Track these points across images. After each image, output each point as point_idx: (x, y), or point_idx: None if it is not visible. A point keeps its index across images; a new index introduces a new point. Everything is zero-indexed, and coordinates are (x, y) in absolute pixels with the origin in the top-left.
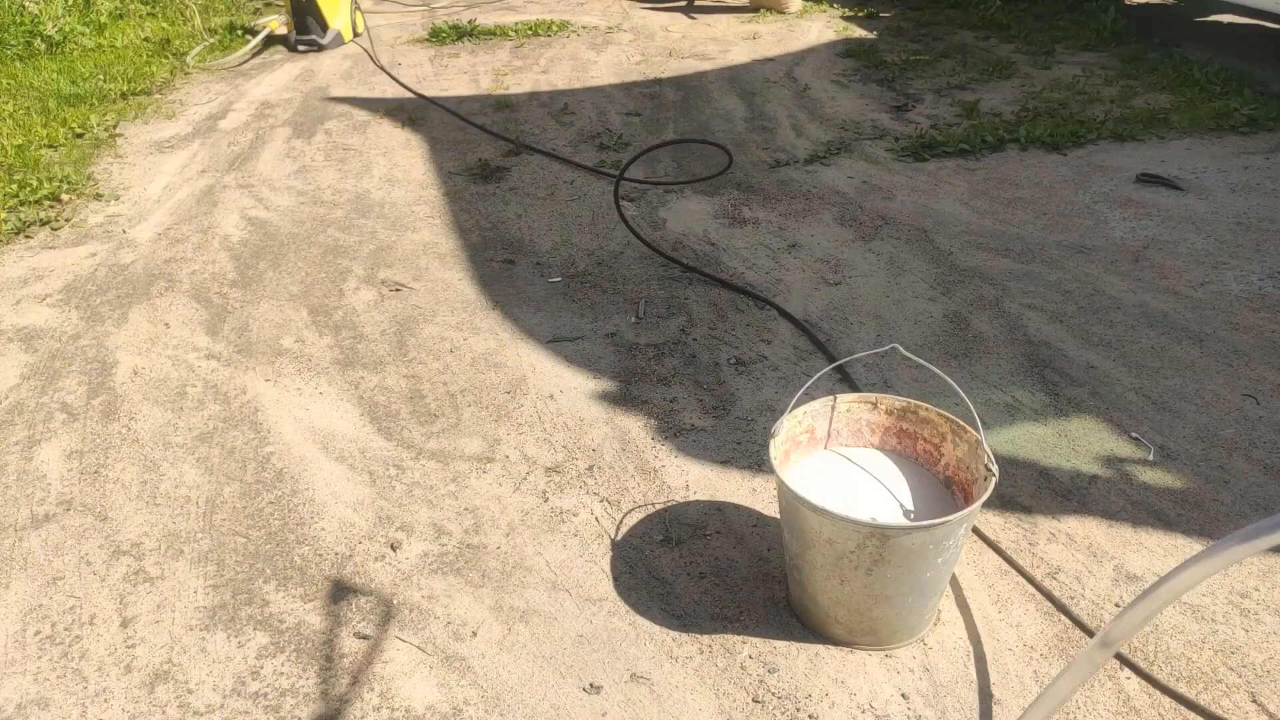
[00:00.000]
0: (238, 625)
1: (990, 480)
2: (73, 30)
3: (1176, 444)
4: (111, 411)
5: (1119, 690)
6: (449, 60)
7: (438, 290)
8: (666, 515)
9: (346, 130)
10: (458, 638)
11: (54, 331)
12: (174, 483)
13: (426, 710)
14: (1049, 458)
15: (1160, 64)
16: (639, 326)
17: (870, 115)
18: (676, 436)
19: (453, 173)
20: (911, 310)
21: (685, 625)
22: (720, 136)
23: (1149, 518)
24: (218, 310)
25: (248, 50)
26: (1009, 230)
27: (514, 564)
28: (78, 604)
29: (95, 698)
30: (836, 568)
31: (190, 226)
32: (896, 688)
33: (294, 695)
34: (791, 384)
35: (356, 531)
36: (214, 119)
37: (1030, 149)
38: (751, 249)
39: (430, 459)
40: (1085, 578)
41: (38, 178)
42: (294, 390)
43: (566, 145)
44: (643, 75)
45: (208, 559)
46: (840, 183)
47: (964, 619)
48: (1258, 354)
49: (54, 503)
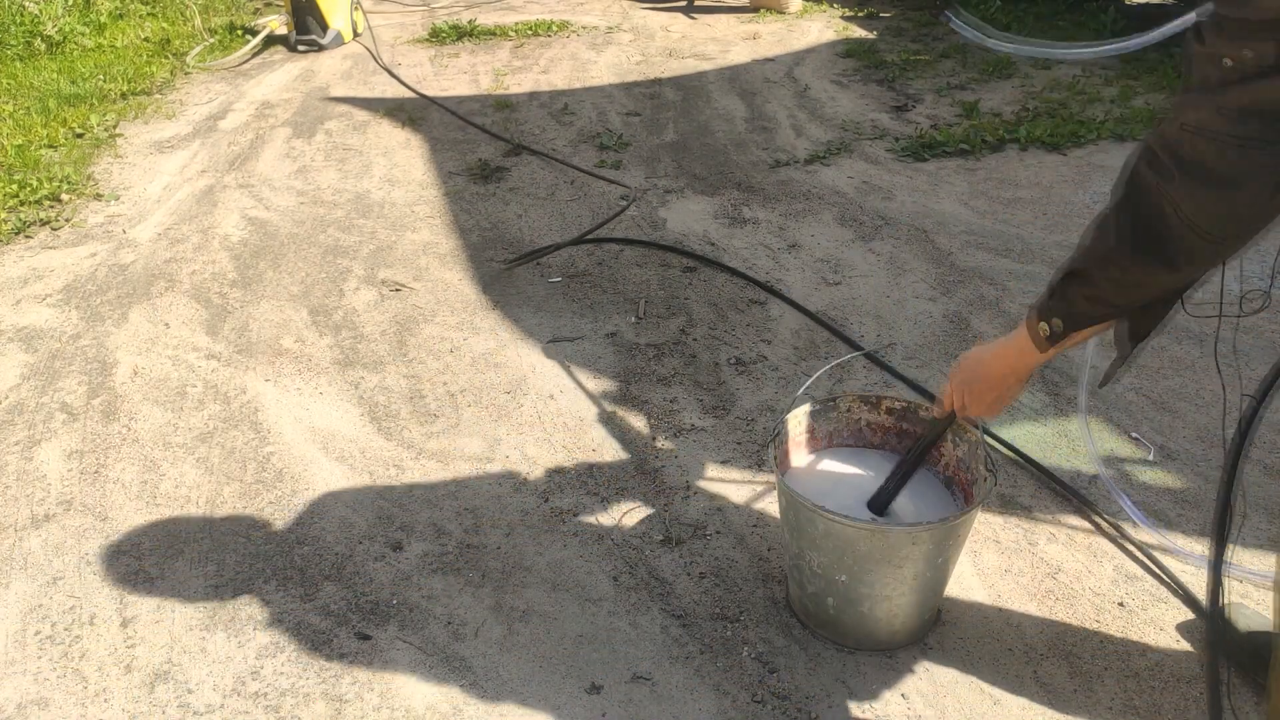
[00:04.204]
0: (238, 625)
1: (990, 481)
2: (73, 30)
3: (1176, 444)
4: (111, 411)
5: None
6: (449, 60)
7: (438, 290)
8: (666, 515)
9: (346, 130)
10: (458, 638)
11: (54, 331)
12: (174, 483)
13: (426, 710)
14: (1049, 458)
15: (1160, 64)
16: (639, 326)
17: (870, 115)
18: (676, 436)
19: (453, 173)
20: (911, 310)
21: (685, 625)
22: (720, 136)
23: (1149, 518)
24: (218, 310)
25: (248, 50)
26: (1009, 230)
27: (514, 564)
28: (78, 604)
29: (95, 698)
30: (837, 568)
31: (190, 226)
32: (897, 688)
33: (294, 695)
34: (792, 384)
35: (356, 531)
36: (214, 119)
37: (1030, 149)
38: (751, 249)
39: (430, 459)
40: (1085, 577)
41: (38, 178)
42: (294, 390)
43: (566, 145)
44: (643, 75)
45: (208, 559)
46: (840, 183)
47: (964, 619)
48: (1258, 354)
49: (54, 503)
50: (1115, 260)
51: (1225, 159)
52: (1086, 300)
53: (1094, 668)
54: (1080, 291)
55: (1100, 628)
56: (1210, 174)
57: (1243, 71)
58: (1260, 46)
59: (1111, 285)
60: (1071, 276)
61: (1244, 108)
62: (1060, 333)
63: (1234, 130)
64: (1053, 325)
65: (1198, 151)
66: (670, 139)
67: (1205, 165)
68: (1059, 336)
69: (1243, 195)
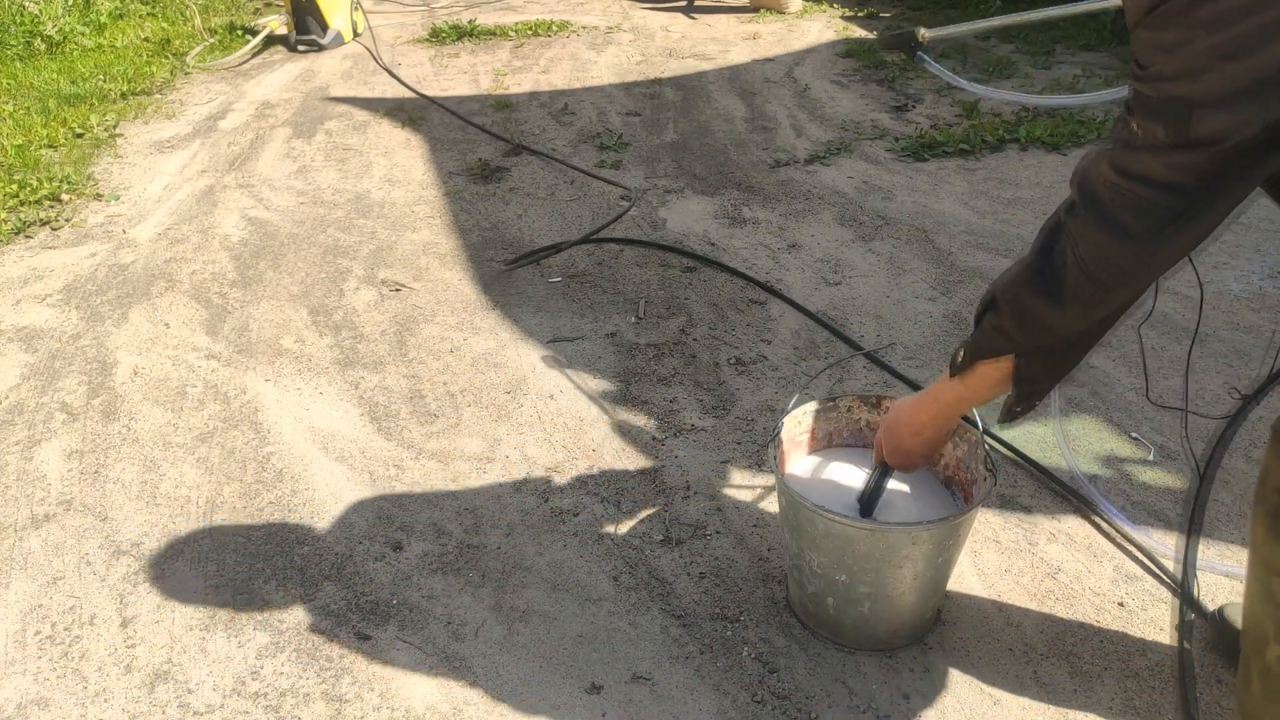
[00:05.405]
0: (238, 625)
1: (990, 481)
2: (73, 30)
3: (1176, 444)
4: (111, 411)
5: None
6: (449, 60)
7: (438, 290)
8: (666, 515)
9: (346, 130)
10: (458, 638)
11: (54, 331)
12: (174, 483)
13: (426, 710)
14: (1049, 457)
15: None
16: (639, 326)
17: (870, 115)
18: (676, 436)
19: (453, 172)
20: (911, 310)
21: (685, 625)
22: (720, 136)
23: (1149, 518)
24: (218, 310)
25: (248, 50)
26: (1009, 230)
27: (514, 564)
28: (78, 604)
29: (95, 698)
30: (837, 568)
31: (190, 226)
32: (897, 688)
33: (294, 695)
34: (792, 384)
35: (356, 531)
36: (214, 119)
37: (1030, 149)
38: (751, 249)
39: (430, 459)
40: (1085, 577)
41: (38, 178)
42: (294, 390)
43: (566, 145)
44: (643, 75)
45: (208, 559)
46: (840, 183)
47: (964, 619)
48: (1258, 354)
49: (54, 503)
50: (1018, 290)
51: (1124, 210)
52: (992, 329)
53: (1094, 668)
54: (989, 319)
55: (1100, 627)
56: (1108, 220)
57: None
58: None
59: (1012, 317)
60: (988, 304)
61: (1139, 174)
62: (968, 359)
63: (1134, 189)
64: (964, 352)
65: (1108, 201)
66: (670, 139)
67: (1106, 211)
68: (966, 364)
69: (1130, 246)
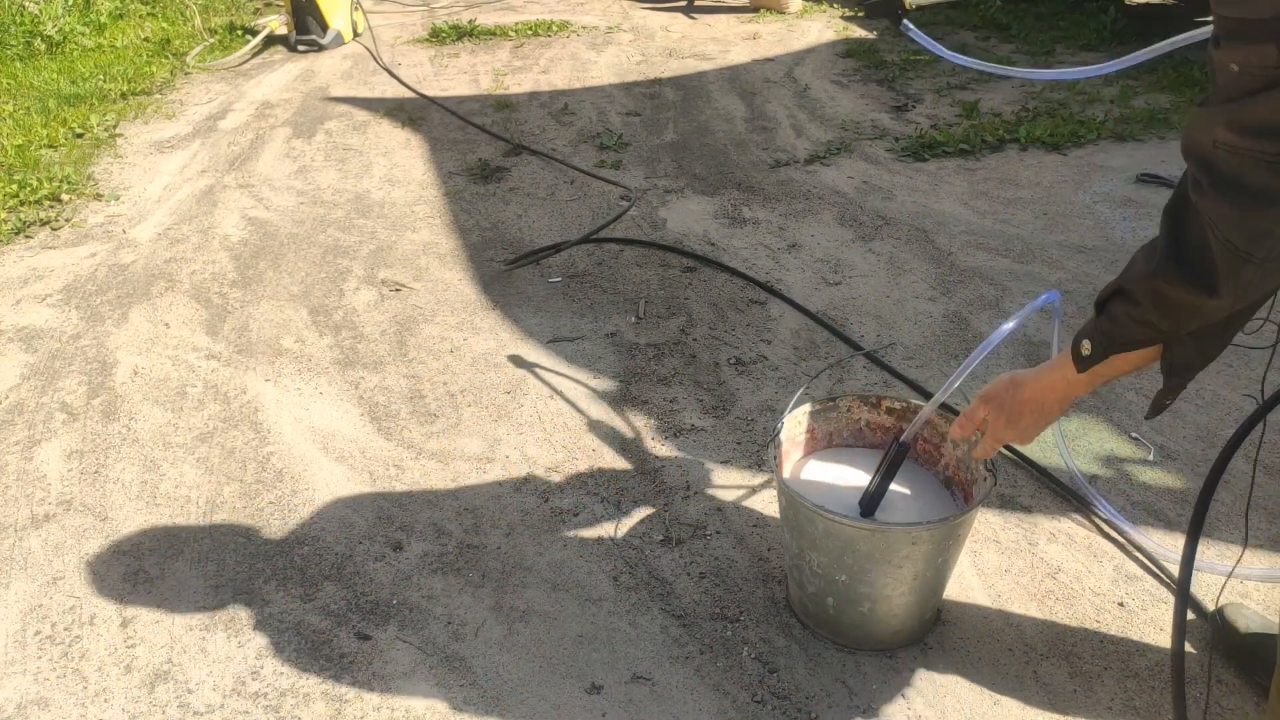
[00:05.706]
0: (238, 625)
1: (990, 481)
2: (73, 30)
3: (1176, 444)
4: (111, 411)
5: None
6: (449, 60)
7: (438, 290)
8: (666, 515)
9: (346, 130)
10: (458, 638)
11: (54, 331)
12: (174, 483)
13: (426, 710)
14: (1049, 457)
15: (1160, 64)
16: (639, 326)
17: (870, 115)
18: (676, 436)
19: (453, 173)
20: (911, 310)
21: (685, 625)
22: (720, 136)
23: (1149, 518)
24: (218, 310)
25: (248, 50)
26: (1009, 230)
27: (514, 564)
28: (78, 604)
29: (95, 698)
30: (837, 568)
31: (190, 226)
32: (897, 688)
33: (294, 695)
34: (792, 384)
35: (356, 531)
36: (214, 119)
37: (1030, 149)
38: (751, 249)
39: (430, 459)
40: (1085, 577)
41: (38, 178)
42: (294, 390)
43: (566, 145)
44: (643, 75)
45: (208, 559)
46: (840, 183)
47: (964, 619)
48: (1257, 354)
49: (54, 503)
50: (1157, 279)
51: (1256, 175)
52: (1130, 320)
53: (1094, 668)
54: (1124, 310)
55: (1100, 628)
56: (1243, 190)
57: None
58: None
59: (1153, 305)
60: (1117, 294)
61: (1262, 123)
62: (1100, 351)
63: (1259, 146)
64: (1095, 343)
65: (1230, 168)
66: (670, 139)
67: (1237, 181)
68: (1098, 356)
69: (1276, 211)
